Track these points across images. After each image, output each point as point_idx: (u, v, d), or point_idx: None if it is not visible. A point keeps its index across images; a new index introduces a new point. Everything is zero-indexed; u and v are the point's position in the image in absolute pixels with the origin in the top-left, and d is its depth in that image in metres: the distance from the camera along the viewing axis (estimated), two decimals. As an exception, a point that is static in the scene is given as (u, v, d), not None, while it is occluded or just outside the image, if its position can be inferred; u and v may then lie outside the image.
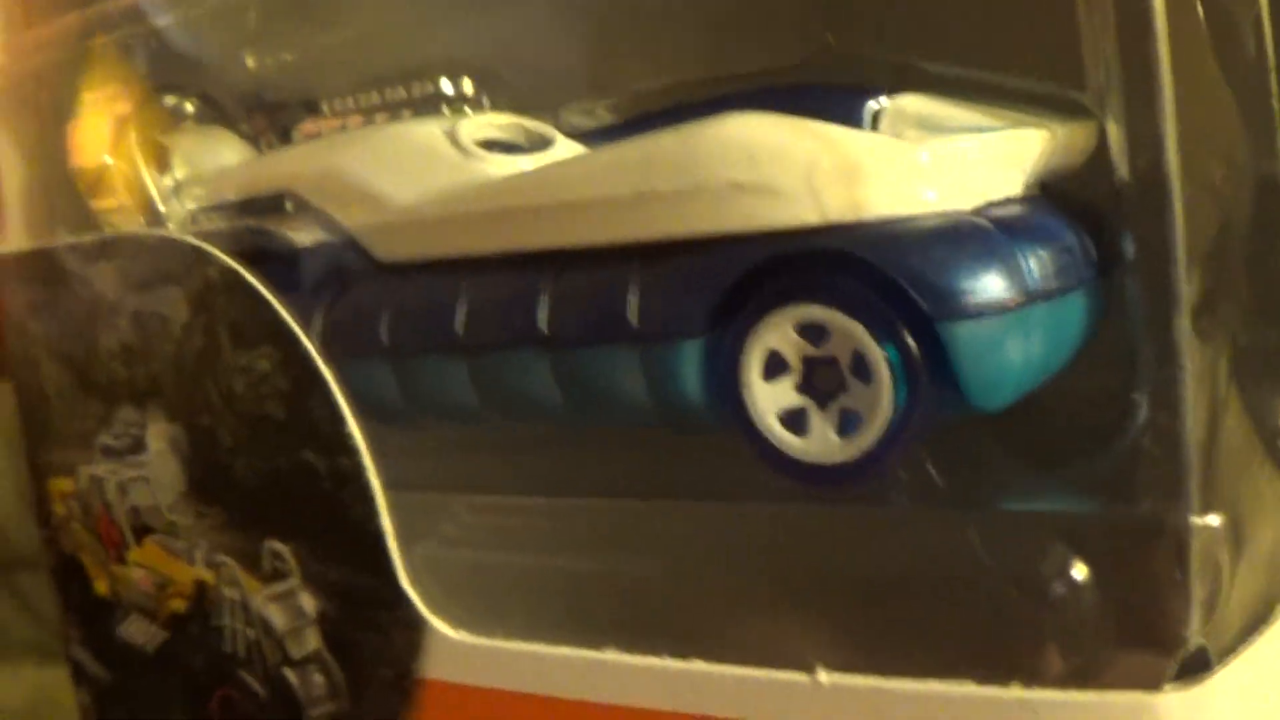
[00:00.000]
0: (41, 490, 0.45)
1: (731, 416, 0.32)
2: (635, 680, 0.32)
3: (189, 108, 0.45)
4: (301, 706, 0.39)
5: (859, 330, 0.30)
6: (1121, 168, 0.31)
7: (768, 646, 0.32)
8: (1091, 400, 0.32)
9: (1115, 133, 0.31)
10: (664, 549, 0.35)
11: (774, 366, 0.31)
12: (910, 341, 0.29)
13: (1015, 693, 0.28)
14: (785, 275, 0.31)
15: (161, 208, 0.44)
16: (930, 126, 0.33)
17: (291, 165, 0.40)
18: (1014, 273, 0.29)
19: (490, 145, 0.38)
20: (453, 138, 0.37)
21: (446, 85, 0.40)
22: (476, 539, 0.37)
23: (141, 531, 0.42)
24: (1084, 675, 0.28)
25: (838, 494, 0.31)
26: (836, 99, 0.34)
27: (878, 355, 0.30)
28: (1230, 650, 0.28)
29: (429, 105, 0.41)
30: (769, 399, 0.31)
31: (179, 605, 0.42)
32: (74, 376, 0.43)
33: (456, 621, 0.35)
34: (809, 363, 0.31)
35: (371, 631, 0.37)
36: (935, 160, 0.30)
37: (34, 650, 0.58)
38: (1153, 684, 0.27)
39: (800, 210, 0.30)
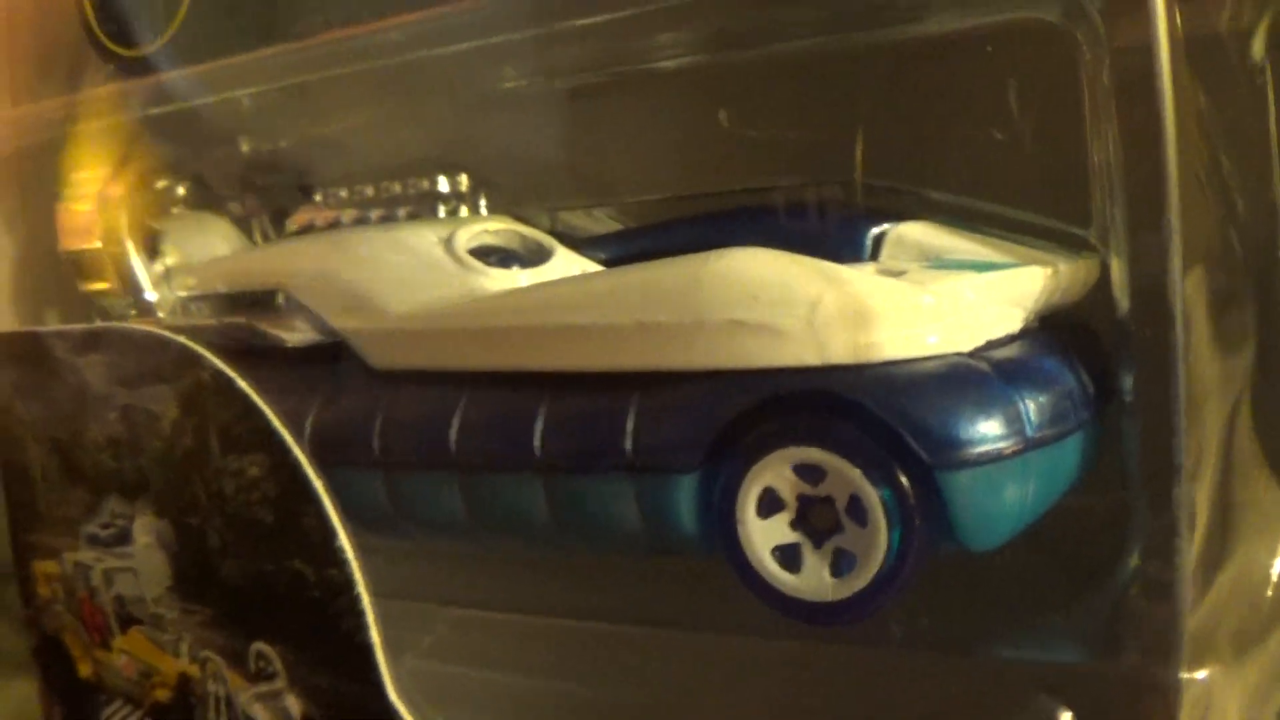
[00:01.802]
0: (25, 570, 0.45)
1: (724, 550, 0.32)
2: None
3: (180, 191, 0.44)
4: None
5: (856, 475, 0.30)
6: (1123, 304, 0.31)
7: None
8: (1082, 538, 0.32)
9: (1118, 269, 0.31)
10: (648, 677, 0.35)
11: (769, 503, 0.31)
12: (907, 487, 0.29)
13: None
14: (784, 415, 0.31)
15: (151, 295, 0.43)
16: (930, 256, 0.33)
17: (284, 262, 0.40)
18: (1013, 421, 0.29)
19: (487, 253, 0.38)
20: (449, 246, 0.37)
21: (443, 183, 0.40)
22: (459, 654, 0.37)
23: (127, 620, 0.42)
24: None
25: (828, 632, 0.31)
26: (840, 224, 0.34)
27: (874, 499, 0.30)
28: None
29: (424, 202, 0.41)
30: (763, 535, 0.31)
31: (163, 695, 0.41)
32: (61, 462, 0.43)
33: (444, 735, 0.35)
34: (804, 500, 0.31)
35: (359, 739, 0.36)
36: (939, 304, 0.30)
37: (22, 662, 0.57)
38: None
39: (801, 351, 0.30)
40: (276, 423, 0.36)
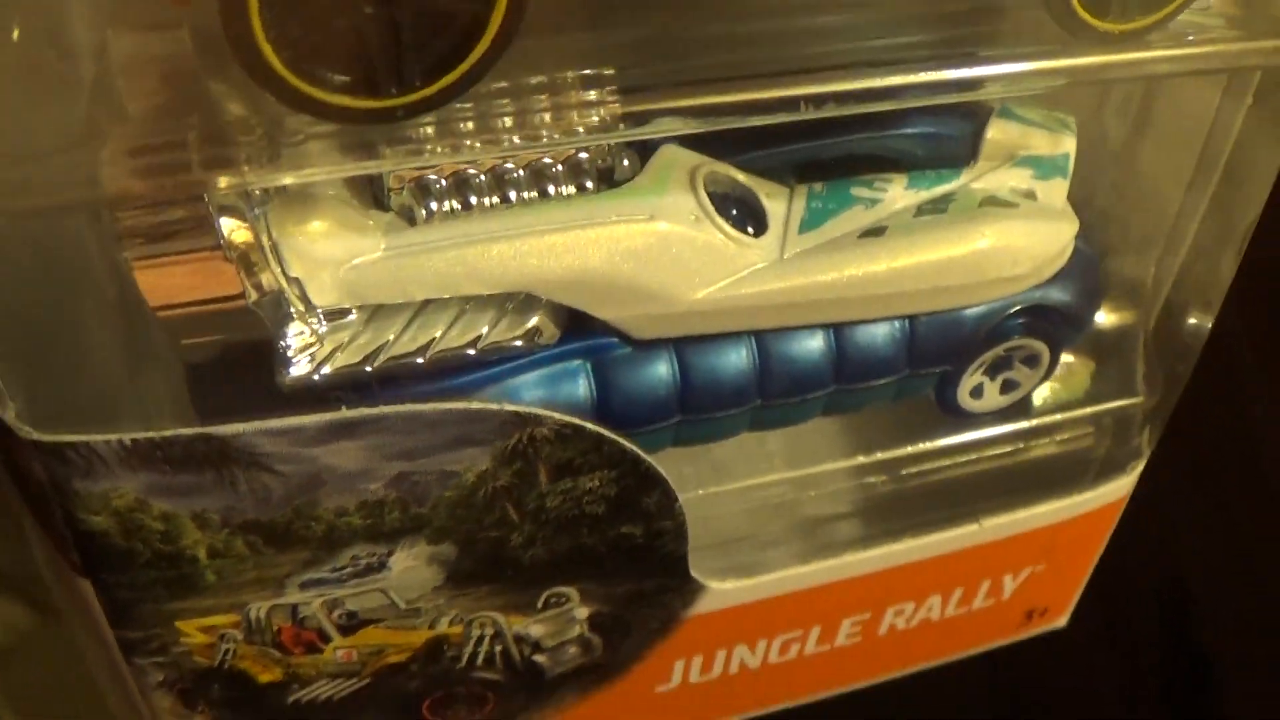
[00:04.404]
0: (157, 630, 0.38)
1: (940, 396, 0.46)
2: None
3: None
4: (544, 674, 0.45)
5: (1042, 347, 0.46)
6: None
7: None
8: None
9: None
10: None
11: (976, 368, 0.45)
12: (1061, 343, 0.46)
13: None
14: (1008, 323, 0.44)
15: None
16: (1011, 154, 0.45)
17: (534, 263, 0.36)
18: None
19: (724, 204, 0.40)
20: (713, 224, 0.39)
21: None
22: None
23: (356, 627, 0.40)
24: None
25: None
26: (971, 122, 0.44)
27: (1047, 357, 0.46)
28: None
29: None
30: (969, 384, 0.46)
31: (396, 658, 0.42)
32: (255, 538, 0.36)
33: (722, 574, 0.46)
34: (994, 359, 0.46)
35: (648, 609, 0.45)
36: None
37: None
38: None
39: (1030, 283, 0.43)
40: (630, 445, 0.38)
